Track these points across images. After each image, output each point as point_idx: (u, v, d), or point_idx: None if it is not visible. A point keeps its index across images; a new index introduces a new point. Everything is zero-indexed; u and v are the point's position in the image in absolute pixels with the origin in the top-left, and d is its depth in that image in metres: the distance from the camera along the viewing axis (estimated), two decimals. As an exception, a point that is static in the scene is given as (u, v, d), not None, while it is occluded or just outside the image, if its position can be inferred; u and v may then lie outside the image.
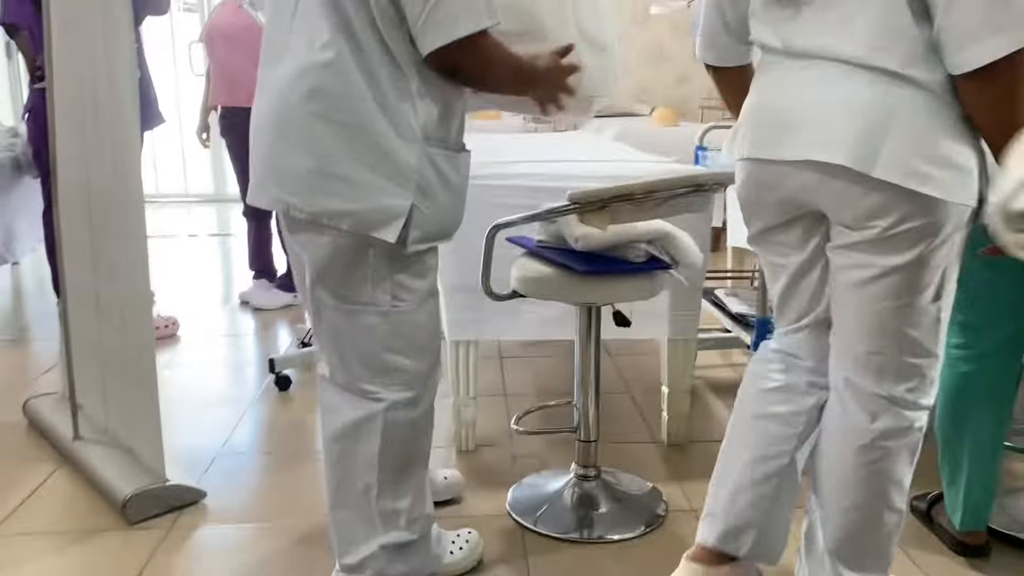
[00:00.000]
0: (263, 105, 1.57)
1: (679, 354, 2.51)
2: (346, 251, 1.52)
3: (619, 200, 1.80)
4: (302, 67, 1.48)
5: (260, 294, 4.14)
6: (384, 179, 1.48)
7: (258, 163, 1.57)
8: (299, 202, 1.50)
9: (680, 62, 6.99)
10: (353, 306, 1.56)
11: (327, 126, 1.47)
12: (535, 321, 2.41)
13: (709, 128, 3.15)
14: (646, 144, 3.71)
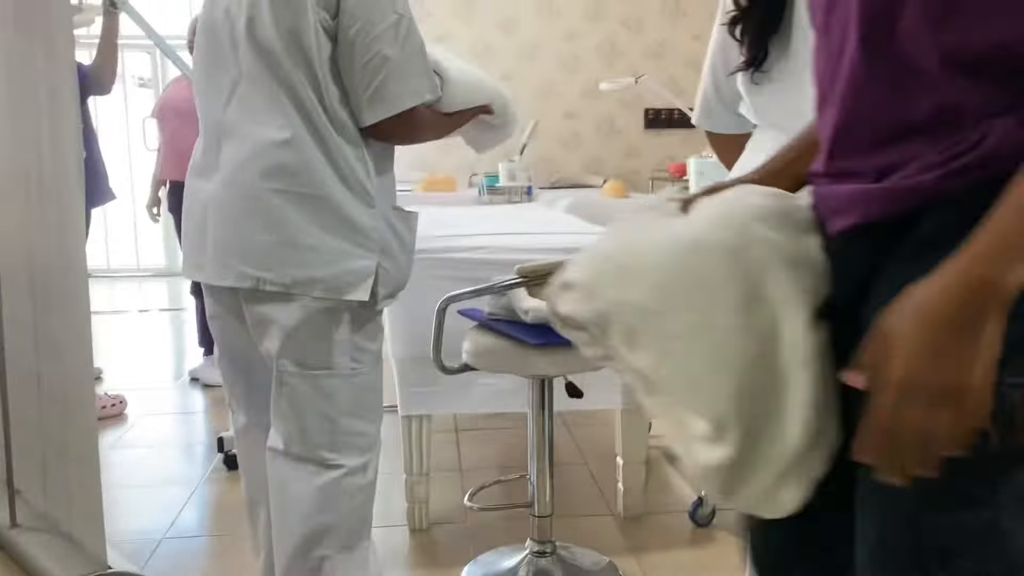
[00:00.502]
0: (213, 185, 1.61)
1: (633, 424, 2.50)
2: (315, 317, 1.58)
3: (567, 272, 1.81)
4: (258, 146, 1.55)
5: (210, 370, 4.06)
6: (350, 244, 1.57)
7: (215, 242, 1.59)
8: (271, 276, 1.55)
9: (630, 136, 7.16)
10: (317, 372, 1.61)
11: (290, 200, 1.54)
12: (489, 394, 2.40)
13: (658, 200, 3.21)
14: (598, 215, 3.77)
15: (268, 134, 1.54)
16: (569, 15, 6.99)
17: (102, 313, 5.76)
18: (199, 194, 1.65)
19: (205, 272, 1.63)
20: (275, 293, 1.57)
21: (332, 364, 1.62)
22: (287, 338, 1.59)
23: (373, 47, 1.52)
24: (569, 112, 7.06)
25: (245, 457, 1.86)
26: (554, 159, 7.12)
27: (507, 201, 5.89)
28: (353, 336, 1.63)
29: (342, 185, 1.56)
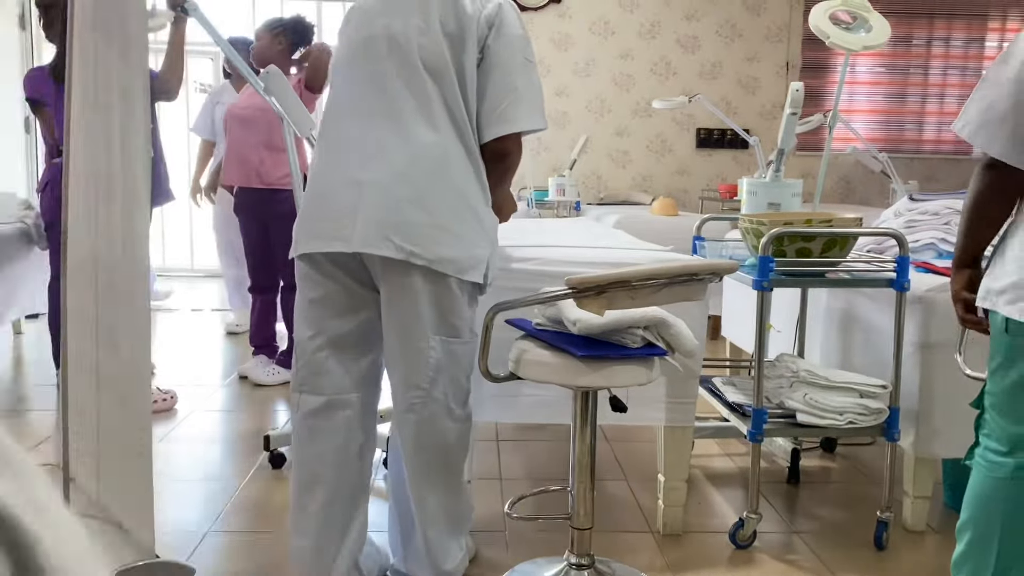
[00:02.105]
0: (372, 173, 1.88)
1: (676, 442, 2.49)
2: (455, 291, 1.90)
3: (616, 286, 1.82)
4: (421, 145, 1.88)
5: (259, 369, 4.13)
6: (475, 234, 1.91)
7: (370, 220, 1.86)
8: (420, 251, 1.85)
9: (681, 154, 7.13)
10: (451, 339, 1.93)
11: (446, 192, 1.88)
12: (532, 404, 2.41)
13: (707, 219, 3.20)
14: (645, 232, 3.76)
15: (424, 134, 1.88)
16: (624, 34, 7.00)
17: (157, 310, 5.89)
18: (345, 180, 1.91)
19: (353, 243, 1.87)
20: (417, 267, 1.85)
21: (461, 333, 1.94)
22: (430, 309, 1.89)
23: (508, 77, 1.92)
24: (620, 129, 7.07)
25: (312, 438, 2.00)
26: (603, 175, 7.13)
27: (555, 215, 5.92)
28: (470, 311, 1.96)
29: (476, 183, 1.93)
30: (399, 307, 1.91)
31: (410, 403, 1.95)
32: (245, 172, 3.96)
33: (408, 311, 1.90)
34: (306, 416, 2.01)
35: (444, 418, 1.96)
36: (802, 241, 2.40)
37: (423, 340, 1.90)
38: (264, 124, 3.89)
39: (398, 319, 1.92)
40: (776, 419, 2.51)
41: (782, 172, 3.04)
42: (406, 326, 1.91)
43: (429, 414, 1.95)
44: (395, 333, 1.93)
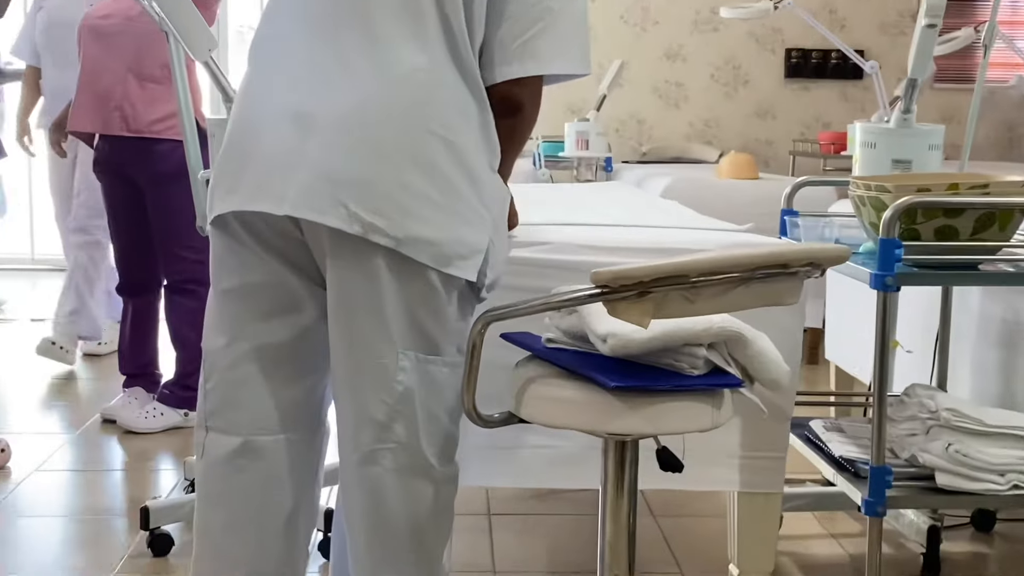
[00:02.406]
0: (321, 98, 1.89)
1: (756, 517, 2.49)
2: (434, 288, 1.90)
3: (667, 284, 1.81)
4: (394, 68, 1.88)
5: (132, 410, 4.12)
6: (466, 206, 1.90)
7: (319, 171, 1.87)
8: (384, 224, 1.84)
9: (763, 89, 7.13)
10: (429, 357, 1.92)
11: (431, 141, 1.87)
12: (541, 461, 2.40)
13: (802, 184, 3.19)
14: (710, 204, 3.75)
15: (409, 57, 1.89)
16: (677, -93, 7.01)
17: None
18: (282, 111, 1.91)
19: (287, 203, 1.86)
20: (379, 249, 1.85)
21: (443, 349, 1.94)
22: (400, 311, 1.89)
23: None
24: (672, 50, 7.08)
25: (220, 499, 2.03)
26: (647, 119, 7.14)
27: (575, 178, 5.91)
28: (461, 322, 1.96)
29: (479, 135, 1.93)
30: (352, 305, 1.91)
31: (367, 451, 1.93)
32: (105, 114, 3.96)
33: (365, 312, 1.90)
34: (213, 465, 2.02)
35: (418, 476, 1.95)
36: (944, 216, 2.40)
37: (387, 355, 1.90)
38: (132, 41, 3.89)
39: (350, 322, 1.92)
40: (906, 482, 2.51)
41: (914, 114, 3.03)
42: (361, 334, 1.91)
43: (395, 469, 1.93)
44: (345, 343, 1.93)
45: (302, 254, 1.96)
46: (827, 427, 2.87)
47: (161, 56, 3.71)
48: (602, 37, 7.00)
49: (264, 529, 2.02)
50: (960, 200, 2.40)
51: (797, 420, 2.76)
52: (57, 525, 3.28)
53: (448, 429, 1.99)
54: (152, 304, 4.18)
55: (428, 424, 1.94)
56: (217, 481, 2.02)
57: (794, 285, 1.94)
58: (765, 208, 3.65)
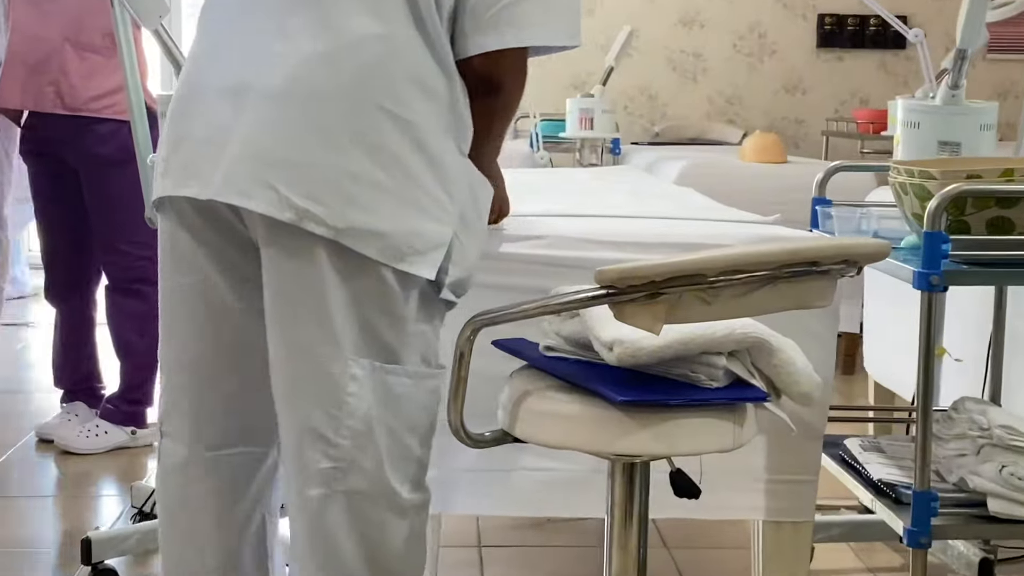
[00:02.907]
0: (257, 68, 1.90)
1: (784, 548, 2.49)
2: (384, 287, 1.88)
3: (681, 284, 1.82)
4: (343, 38, 1.87)
5: (72, 428, 4.12)
6: (424, 194, 1.89)
7: (249, 152, 1.87)
8: (321, 212, 1.83)
9: (792, 60, 7.14)
10: (386, 365, 1.90)
11: (380, 118, 1.86)
12: (538, 485, 2.41)
13: (836, 169, 3.20)
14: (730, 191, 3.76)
15: (359, 22, 1.88)
16: None
17: None
18: (217, 85, 1.94)
19: (212, 186, 1.88)
20: (319, 240, 1.84)
21: (403, 358, 1.92)
22: (347, 313, 1.87)
23: None
24: (688, 16, 7.09)
25: (177, 508, 2.08)
26: (660, 94, 7.15)
27: (577, 162, 5.92)
28: (423, 328, 1.95)
29: (443, 112, 1.91)
30: (290, 304, 1.91)
31: (314, 472, 1.92)
32: (37, 88, 3.94)
33: (306, 312, 1.90)
34: (168, 473, 2.09)
35: (378, 506, 1.94)
36: (998, 207, 2.41)
37: (334, 363, 1.89)
38: (72, 5, 3.88)
39: (288, 325, 1.92)
40: (954, 508, 2.52)
41: (963, 89, 3.05)
42: (302, 338, 1.91)
43: (346, 494, 1.92)
44: (284, 350, 1.94)
45: (240, 251, 1.97)
46: (864, 446, 2.88)
47: (104, 23, 3.70)
48: (608, 1, 7.01)
49: (225, 544, 2.06)
50: (1016, 188, 2.41)
51: (830, 438, 2.77)
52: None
53: (416, 451, 1.97)
54: (87, 308, 4.17)
55: (392, 445, 1.92)
56: (172, 490, 2.09)
57: (826, 285, 1.94)
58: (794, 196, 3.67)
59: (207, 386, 2.04)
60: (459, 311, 2.01)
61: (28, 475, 3.97)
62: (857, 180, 4.09)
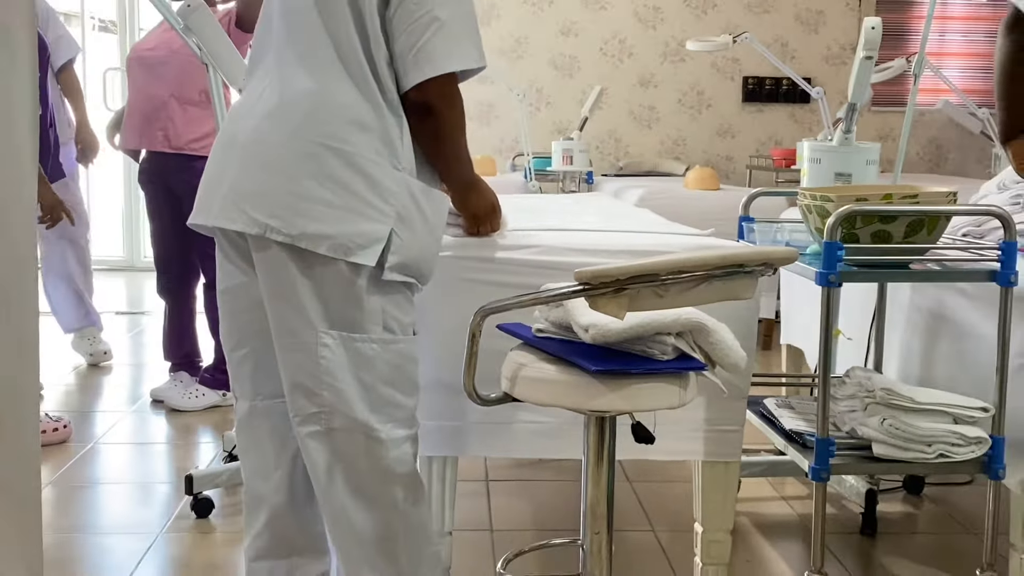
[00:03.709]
0: (240, 126, 2.01)
1: (718, 482, 2.49)
2: (341, 277, 1.93)
3: (640, 281, 1.82)
4: (287, 93, 1.96)
5: (178, 391, 4.14)
6: (364, 204, 1.92)
7: (232, 186, 1.97)
8: (279, 224, 1.90)
9: (724, 111, 7.14)
10: (354, 335, 1.95)
11: (313, 150, 1.91)
12: (531, 435, 2.41)
13: (757, 194, 3.20)
14: (677, 211, 3.76)
15: (300, 82, 1.95)
16: (649, -47, 7.01)
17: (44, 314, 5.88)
18: (225, 139, 2.05)
19: (213, 214, 1.99)
20: (283, 245, 1.91)
21: (366, 327, 1.96)
22: (312, 298, 1.94)
23: (424, 6, 1.91)
24: (645, 78, 7.08)
25: (248, 447, 2.18)
26: (623, 138, 7.13)
27: (560, 189, 5.92)
28: (384, 305, 1.97)
29: (369, 140, 1.93)
30: (274, 293, 1.99)
31: (303, 415, 2.00)
32: (150, 132, 3.96)
33: (285, 299, 1.97)
34: (239, 424, 2.19)
35: (356, 439, 1.99)
36: (880, 222, 2.40)
37: (309, 334, 1.96)
38: (176, 70, 3.89)
39: (276, 309, 1.99)
40: (847, 451, 2.51)
41: (854, 133, 3.04)
42: (283, 319, 1.98)
43: (328, 430, 1.99)
44: (275, 326, 2.01)
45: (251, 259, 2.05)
46: (779, 404, 2.88)
47: (200, 83, 3.73)
48: (584, 67, 7.00)
49: (282, 470, 2.14)
50: (893, 208, 2.41)
51: (753, 398, 2.77)
52: (113, 491, 3.29)
53: (389, 396, 2.00)
54: (188, 300, 4.19)
55: (362, 391, 1.97)
56: (241, 437, 2.19)
57: (750, 282, 1.94)
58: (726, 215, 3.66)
59: (255, 355, 2.12)
60: (470, 302, 2.01)
61: (145, 427, 3.98)
62: (773, 203, 4.09)
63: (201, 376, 4.18)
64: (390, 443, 2.00)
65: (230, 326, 2.14)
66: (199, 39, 2.89)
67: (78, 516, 3.06)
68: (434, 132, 2.01)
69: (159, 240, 4.15)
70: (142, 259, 7.56)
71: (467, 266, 2.31)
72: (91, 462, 3.54)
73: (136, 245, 7.64)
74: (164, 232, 4.10)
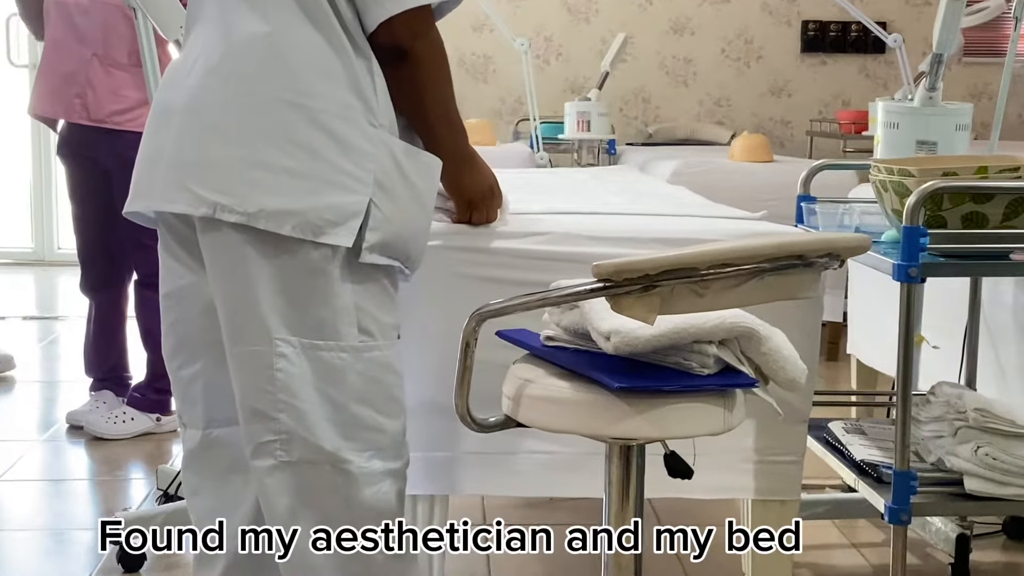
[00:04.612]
0: (180, 92, 1.97)
1: (772, 525, 2.49)
2: (304, 265, 1.90)
3: (674, 277, 1.82)
4: (234, 42, 1.93)
5: (101, 415, 4.12)
6: (335, 171, 1.89)
7: (171, 160, 1.94)
8: (231, 202, 1.86)
9: (778, 64, 7.13)
10: (317, 342, 1.92)
11: (266, 108, 1.88)
12: (540, 467, 2.41)
13: (819, 167, 3.20)
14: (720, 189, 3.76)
15: (247, 25, 1.92)
16: None
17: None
18: (160, 105, 2.02)
19: (152, 197, 1.97)
20: (238, 228, 1.87)
21: (338, 333, 1.92)
22: (272, 293, 1.90)
23: None
24: (679, 23, 7.08)
25: (200, 487, 2.15)
26: (653, 98, 7.14)
27: (575, 162, 5.91)
28: (358, 299, 1.94)
29: (336, 91, 1.90)
30: (224, 290, 1.96)
31: (257, 444, 1.97)
32: (66, 99, 3.96)
33: (235, 299, 1.94)
34: (188, 457, 2.17)
35: (323, 474, 1.96)
36: (973, 202, 2.40)
37: (260, 343, 1.92)
38: (100, 23, 3.89)
39: (224, 312, 1.97)
40: (932, 487, 2.52)
41: (940, 91, 3.04)
42: (234, 323, 1.95)
43: (288, 462, 1.95)
44: (226, 331, 1.98)
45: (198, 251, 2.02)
46: (847, 429, 2.88)
47: (129, 41, 3.73)
48: (604, 9, 7.00)
49: (240, 517, 2.11)
50: (990, 184, 2.41)
51: (815, 422, 2.77)
52: (21, 539, 3.28)
53: (364, 418, 1.97)
54: (119, 300, 4.18)
55: (336, 415, 1.94)
56: (190, 474, 2.16)
57: (811, 277, 1.94)
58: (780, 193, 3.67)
59: (207, 373, 2.08)
60: (463, 304, 2.01)
61: (60, 459, 3.97)
62: (840, 178, 4.08)
63: (130, 396, 4.16)
64: (363, 478, 1.98)
65: (177, 338, 2.11)
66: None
67: (-23, 571, 3.06)
68: (412, 84, 1.99)
69: (82, 226, 4.13)
70: (56, 251, 7.56)
71: (459, 258, 2.30)
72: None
73: (48, 234, 7.64)
74: (88, 216, 4.09)
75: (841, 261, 1.96)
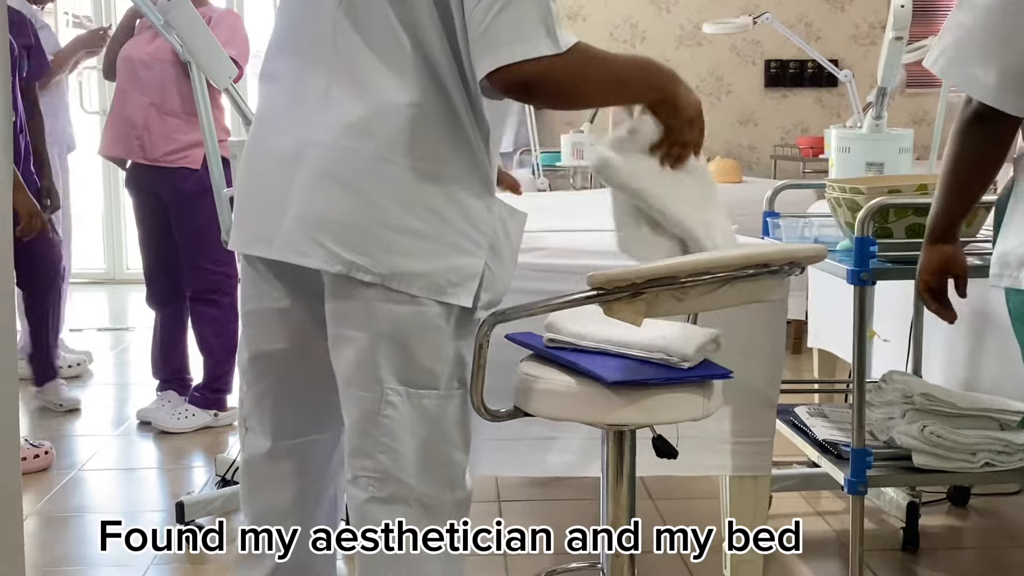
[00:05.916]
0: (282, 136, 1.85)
1: (746, 497, 2.50)
2: (425, 321, 1.80)
3: (658, 285, 1.83)
4: (377, 106, 1.77)
5: (166, 412, 4.14)
6: (458, 235, 1.80)
7: (301, 213, 1.80)
8: (367, 262, 1.76)
9: (744, 98, 7.13)
10: (422, 391, 1.82)
11: (405, 175, 1.77)
12: (545, 451, 2.42)
13: (782, 187, 3.20)
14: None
15: (389, 94, 1.77)
16: (661, -70, 7.01)
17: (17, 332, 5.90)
18: (277, 150, 1.86)
19: (275, 247, 1.83)
20: (369, 285, 1.77)
21: (438, 382, 1.84)
22: (389, 346, 1.80)
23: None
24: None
25: (261, 487, 2.03)
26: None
27: (571, 186, 5.91)
28: (459, 350, 1.86)
29: (464, 163, 1.81)
30: (343, 337, 1.85)
31: (354, 475, 1.89)
32: (128, 141, 3.99)
33: (355, 345, 1.83)
34: (251, 461, 2.03)
35: (414, 506, 1.86)
36: (915, 215, 2.41)
37: (371, 388, 1.83)
38: (159, 76, 3.92)
39: (342, 356, 1.86)
40: (885, 462, 2.52)
41: (885, 119, 3.05)
42: (349, 364, 1.85)
43: (379, 498, 1.86)
44: (340, 373, 1.89)
45: (305, 287, 1.90)
46: (811, 413, 2.88)
47: (182, 91, 3.77)
48: (594, 53, 6.99)
49: (294, 522, 2.02)
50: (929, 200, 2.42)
51: (783, 407, 2.77)
52: (98, 519, 3.29)
53: (455, 457, 1.89)
54: (179, 313, 4.20)
55: (427, 456, 1.85)
56: (251, 476, 2.04)
57: (776, 283, 1.95)
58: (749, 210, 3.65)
59: (282, 389, 1.98)
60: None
61: (131, 451, 3.99)
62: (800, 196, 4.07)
63: (191, 395, 4.18)
64: (450, 510, 1.89)
65: (252, 353, 1.99)
66: (180, 36, 2.91)
67: (62, 548, 3.07)
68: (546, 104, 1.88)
69: (146, 249, 4.17)
70: (125, 270, 7.57)
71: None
72: (75, 490, 3.54)
73: (119, 256, 7.66)
74: (151, 241, 4.13)
75: (802, 268, 1.97)
